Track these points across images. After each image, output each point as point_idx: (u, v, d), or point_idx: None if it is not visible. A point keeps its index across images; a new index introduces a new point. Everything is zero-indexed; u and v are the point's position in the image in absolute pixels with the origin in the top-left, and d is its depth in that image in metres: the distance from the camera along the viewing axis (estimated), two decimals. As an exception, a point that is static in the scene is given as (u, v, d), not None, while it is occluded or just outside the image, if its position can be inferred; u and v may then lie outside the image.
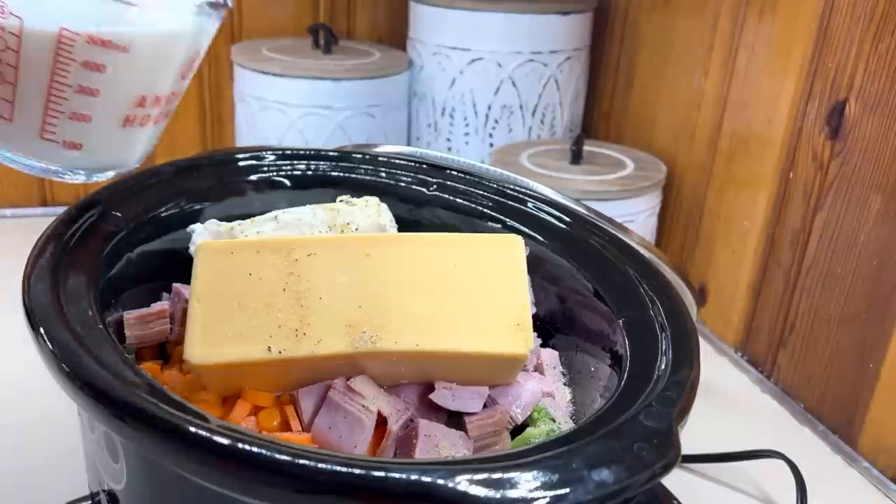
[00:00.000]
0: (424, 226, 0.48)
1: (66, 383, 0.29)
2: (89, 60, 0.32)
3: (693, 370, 0.33)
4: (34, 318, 0.32)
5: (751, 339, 0.70)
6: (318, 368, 0.36)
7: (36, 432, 0.53)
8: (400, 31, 0.96)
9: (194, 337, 0.34)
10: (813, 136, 0.62)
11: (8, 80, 0.32)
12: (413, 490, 0.25)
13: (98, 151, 0.35)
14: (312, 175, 0.49)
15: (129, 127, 0.35)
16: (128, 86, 0.33)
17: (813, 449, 0.60)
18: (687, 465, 0.55)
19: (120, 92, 0.33)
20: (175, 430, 0.27)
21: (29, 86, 0.32)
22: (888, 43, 0.55)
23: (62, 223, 0.38)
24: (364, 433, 0.34)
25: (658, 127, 0.82)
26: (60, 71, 0.31)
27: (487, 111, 0.86)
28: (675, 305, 0.38)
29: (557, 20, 0.83)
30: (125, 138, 0.35)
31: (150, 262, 0.42)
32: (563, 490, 0.26)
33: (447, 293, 0.37)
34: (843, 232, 0.60)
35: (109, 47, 0.32)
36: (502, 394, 0.39)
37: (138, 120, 0.35)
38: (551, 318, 0.44)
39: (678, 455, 0.28)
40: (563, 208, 0.47)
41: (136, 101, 0.34)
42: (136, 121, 0.35)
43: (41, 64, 0.31)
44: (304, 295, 0.36)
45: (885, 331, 0.57)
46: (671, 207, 0.80)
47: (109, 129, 0.34)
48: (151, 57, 0.33)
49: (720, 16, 0.72)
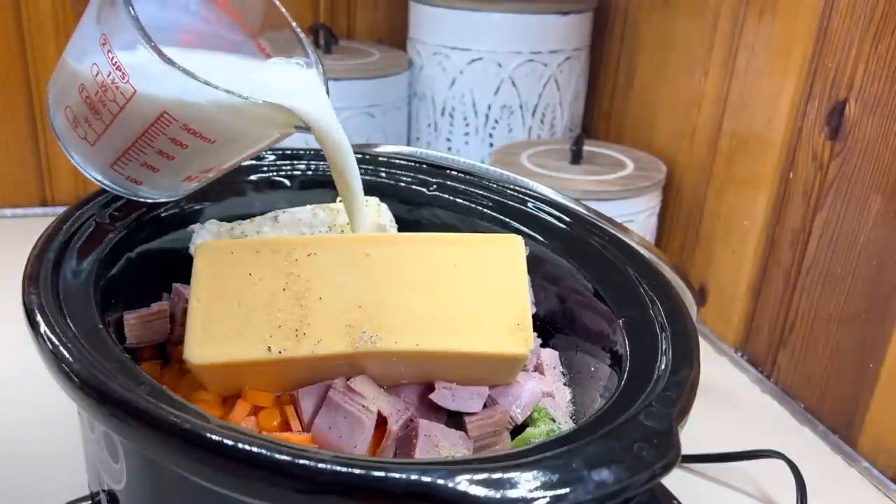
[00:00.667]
0: (424, 226, 0.48)
1: (66, 383, 0.29)
2: (176, 138, 0.35)
3: (693, 370, 0.33)
4: (34, 318, 0.32)
5: (751, 339, 0.70)
6: (317, 368, 0.36)
7: (36, 432, 0.53)
8: (400, 31, 0.96)
9: (194, 337, 0.34)
10: (813, 136, 0.62)
11: (103, 121, 0.35)
12: (413, 490, 0.25)
13: (154, 190, 0.39)
14: (312, 175, 0.49)
15: (187, 182, 0.39)
16: (200, 161, 0.37)
17: (813, 449, 0.60)
18: (687, 465, 0.55)
19: (192, 164, 0.37)
20: (175, 430, 0.27)
21: (118, 133, 0.35)
22: (888, 43, 0.55)
23: (62, 223, 0.38)
24: (364, 433, 0.34)
25: (658, 127, 0.82)
26: (149, 137, 0.35)
27: (487, 111, 0.86)
28: (675, 305, 0.38)
29: (557, 20, 0.83)
30: (181, 186, 0.39)
31: (149, 261, 0.42)
32: (563, 490, 0.26)
33: (447, 293, 0.37)
34: (843, 232, 0.60)
35: (197, 136, 0.35)
36: (502, 394, 0.39)
37: (198, 179, 0.39)
38: (551, 318, 0.44)
39: (678, 455, 0.28)
40: (563, 208, 0.47)
41: (202, 170, 0.38)
42: (195, 180, 0.39)
43: (135, 126, 0.35)
44: (304, 295, 0.36)
45: (885, 331, 0.57)
46: (671, 207, 0.80)
47: (171, 181, 0.38)
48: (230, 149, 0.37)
49: (720, 16, 0.72)
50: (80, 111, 0.36)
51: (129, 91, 0.34)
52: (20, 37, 0.84)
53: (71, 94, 0.36)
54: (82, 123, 0.36)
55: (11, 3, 0.82)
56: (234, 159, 0.39)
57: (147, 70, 0.33)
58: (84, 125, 0.36)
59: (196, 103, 0.33)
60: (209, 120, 0.34)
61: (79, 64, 0.35)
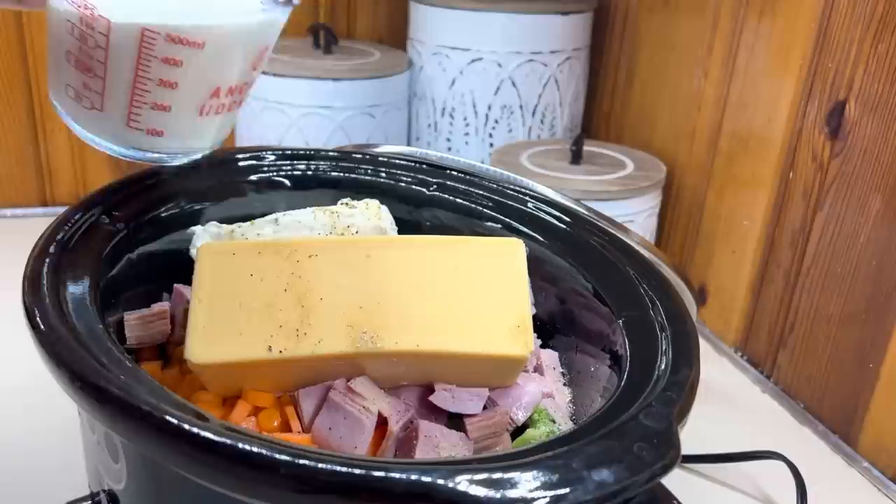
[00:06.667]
0: (424, 226, 0.48)
1: (66, 383, 0.29)
2: (168, 56, 0.35)
3: (693, 370, 0.34)
4: (34, 318, 0.32)
5: (751, 339, 0.70)
6: (318, 369, 0.36)
7: (36, 432, 0.53)
8: (400, 31, 0.96)
9: (195, 336, 0.34)
10: (813, 136, 0.62)
11: (98, 75, 0.35)
12: (413, 490, 0.25)
13: (178, 137, 0.38)
14: (312, 175, 0.49)
15: (205, 115, 0.38)
16: (203, 78, 0.36)
17: (813, 449, 0.60)
18: (687, 465, 0.55)
19: (196, 84, 0.36)
20: (175, 430, 0.27)
21: (116, 80, 0.35)
22: (888, 43, 0.55)
23: (62, 223, 0.38)
24: (364, 434, 0.34)
25: (658, 127, 0.82)
26: (143, 66, 0.35)
27: (487, 111, 0.86)
28: (675, 305, 0.38)
29: (557, 20, 0.83)
30: (202, 125, 0.38)
31: (150, 262, 0.42)
32: (563, 490, 0.26)
33: (448, 295, 0.37)
34: (843, 232, 0.60)
35: (186, 44, 0.35)
36: (502, 395, 0.39)
37: (213, 109, 0.38)
38: (551, 319, 0.44)
39: (678, 455, 0.28)
40: (563, 208, 0.47)
41: (211, 92, 0.37)
42: (211, 110, 0.38)
43: (126, 60, 0.35)
44: (306, 295, 0.36)
45: (885, 331, 0.57)
46: (671, 207, 0.80)
47: (188, 118, 0.38)
48: (224, 51, 0.36)
49: (720, 16, 0.72)
50: (76, 80, 0.36)
51: (105, 24, 0.34)
52: (20, 37, 0.84)
53: (62, 68, 0.36)
54: (84, 92, 0.36)
55: (11, 4, 0.82)
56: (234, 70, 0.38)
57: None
58: (86, 93, 0.36)
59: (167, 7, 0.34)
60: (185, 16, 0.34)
61: (56, 29, 0.36)
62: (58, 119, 0.39)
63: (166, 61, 0.35)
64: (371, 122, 0.85)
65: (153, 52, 0.35)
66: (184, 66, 0.35)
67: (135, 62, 0.35)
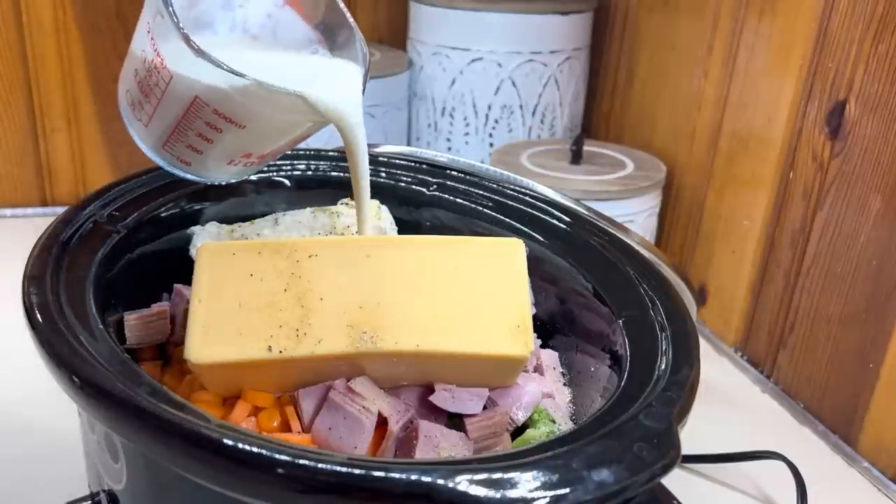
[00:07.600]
0: (424, 226, 0.48)
1: (66, 383, 0.29)
2: (211, 122, 0.37)
3: (693, 370, 0.34)
4: (34, 318, 0.32)
5: (751, 339, 0.70)
6: (318, 369, 0.36)
7: (36, 432, 0.53)
8: (400, 31, 0.96)
9: (195, 336, 0.34)
10: (813, 136, 0.62)
11: (151, 103, 0.38)
12: (413, 490, 0.25)
13: (202, 172, 0.41)
14: (312, 175, 0.49)
15: (232, 165, 0.41)
16: (238, 146, 0.39)
17: (813, 449, 0.60)
18: (687, 465, 0.55)
19: (230, 146, 0.39)
20: (175, 430, 0.27)
21: (164, 114, 0.38)
22: (888, 43, 0.55)
23: (62, 223, 0.38)
24: (364, 434, 0.34)
25: (658, 127, 0.82)
26: (187, 120, 0.38)
27: (487, 111, 0.86)
28: (675, 305, 0.38)
29: (557, 20, 0.83)
30: (227, 170, 0.42)
31: (150, 262, 0.42)
32: (563, 490, 0.26)
33: (448, 295, 0.37)
34: (843, 232, 0.60)
35: (229, 122, 0.37)
36: (502, 395, 0.39)
37: (242, 163, 0.41)
38: (551, 319, 0.44)
39: (678, 455, 0.28)
40: (563, 208, 0.47)
41: (242, 154, 0.40)
42: (239, 164, 0.41)
43: (176, 109, 0.38)
44: (306, 295, 0.36)
45: (885, 331, 0.57)
46: (671, 207, 0.80)
47: (215, 163, 0.41)
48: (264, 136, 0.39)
49: (720, 16, 0.72)
50: (135, 94, 0.39)
51: (168, 76, 0.36)
52: (20, 37, 0.84)
53: (129, 78, 0.39)
54: (137, 106, 0.39)
55: (11, 3, 0.82)
56: (270, 146, 0.40)
57: (180, 57, 0.35)
58: (139, 108, 0.39)
59: (222, 89, 0.35)
60: (237, 105, 0.36)
61: (135, 48, 0.38)
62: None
63: (208, 125, 0.37)
64: (371, 121, 0.85)
65: (199, 115, 0.37)
66: (223, 133, 0.38)
67: (181, 114, 0.37)
